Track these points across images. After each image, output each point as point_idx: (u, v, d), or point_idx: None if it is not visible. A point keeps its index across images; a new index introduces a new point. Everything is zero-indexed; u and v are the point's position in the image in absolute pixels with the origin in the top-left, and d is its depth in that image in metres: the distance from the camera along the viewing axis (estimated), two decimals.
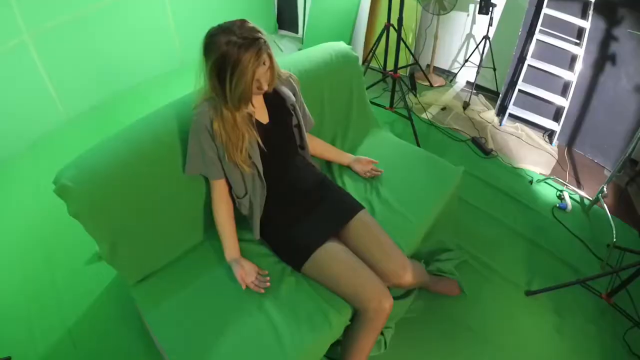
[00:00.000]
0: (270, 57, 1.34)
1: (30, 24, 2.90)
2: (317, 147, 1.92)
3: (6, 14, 2.75)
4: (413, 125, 3.02)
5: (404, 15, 2.89)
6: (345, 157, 1.99)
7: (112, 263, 1.46)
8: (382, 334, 1.76)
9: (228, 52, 1.25)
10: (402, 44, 3.05)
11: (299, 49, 3.98)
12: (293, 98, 1.62)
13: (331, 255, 1.47)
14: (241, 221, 1.62)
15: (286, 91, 1.60)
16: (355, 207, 1.64)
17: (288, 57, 2.01)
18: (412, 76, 3.65)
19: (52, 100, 3.21)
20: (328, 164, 2.07)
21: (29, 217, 2.46)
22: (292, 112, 1.62)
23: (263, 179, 1.51)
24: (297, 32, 4.81)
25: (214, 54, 1.27)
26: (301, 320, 1.39)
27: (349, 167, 2.00)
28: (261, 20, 4.76)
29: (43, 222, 2.40)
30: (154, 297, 1.47)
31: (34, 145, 3.06)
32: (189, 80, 1.40)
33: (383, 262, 1.50)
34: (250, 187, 1.52)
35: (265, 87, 1.37)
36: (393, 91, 3.19)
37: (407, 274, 1.52)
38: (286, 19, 4.89)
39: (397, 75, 3.08)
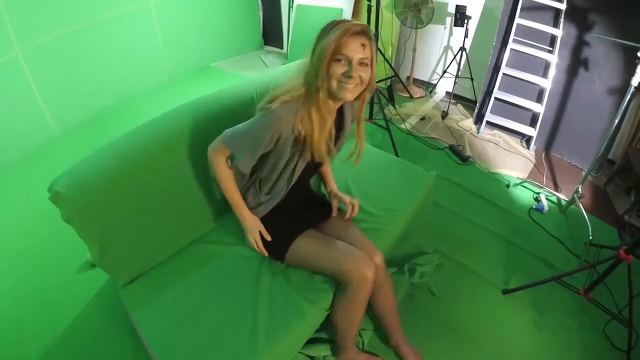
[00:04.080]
0: (370, 49, 1.18)
1: (22, 39, 2.82)
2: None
3: None
4: (391, 136, 2.90)
5: (383, 29, 2.83)
6: (332, 184, 1.72)
7: (102, 265, 1.45)
8: (359, 335, 1.69)
9: (327, 26, 1.17)
10: (380, 57, 2.96)
11: (283, 64, 3.89)
12: (348, 130, 1.48)
13: (310, 238, 1.45)
14: (219, 223, 1.67)
15: (348, 119, 1.45)
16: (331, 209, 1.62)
17: (269, 72, 1.95)
18: (390, 88, 3.56)
19: (43, 115, 3.11)
20: None
21: (20, 226, 2.37)
22: (338, 139, 1.47)
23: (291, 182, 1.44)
24: (282, 47, 4.73)
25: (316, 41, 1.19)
26: (277, 315, 1.36)
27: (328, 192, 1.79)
28: (247, 36, 4.73)
29: (34, 231, 2.32)
30: (141, 298, 1.45)
31: (26, 158, 2.96)
32: (177, 95, 1.32)
33: (355, 244, 1.46)
34: (277, 183, 1.43)
35: (353, 76, 1.17)
36: (372, 103, 3.08)
37: (377, 258, 1.45)
38: (271, 35, 4.82)
39: (376, 87, 2.96)
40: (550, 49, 2.93)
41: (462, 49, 3.38)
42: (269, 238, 1.46)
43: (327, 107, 1.24)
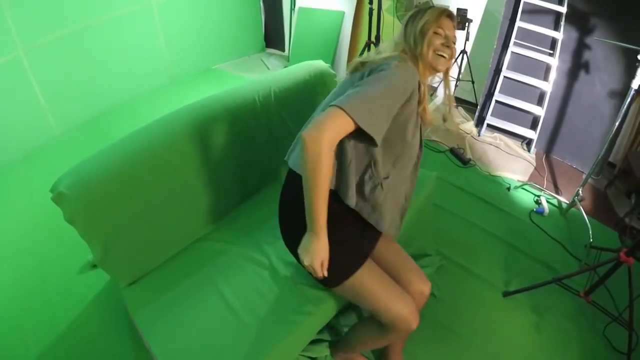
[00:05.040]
0: (454, 30, 1.30)
1: (24, 39, 2.82)
2: None
3: (1, 30, 2.68)
4: None
5: (384, 32, 2.83)
6: None
7: (104, 266, 1.44)
8: None
9: (421, 10, 1.28)
10: None
11: (285, 67, 3.90)
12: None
13: (369, 273, 1.30)
14: (222, 222, 1.65)
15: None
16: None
17: (269, 75, 1.96)
18: None
19: (44, 115, 3.11)
20: None
21: (21, 226, 2.36)
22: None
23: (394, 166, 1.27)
24: (283, 50, 4.74)
25: (411, 12, 1.30)
26: (280, 317, 1.34)
27: None
28: (249, 38, 4.73)
29: (35, 231, 2.31)
30: (143, 299, 1.45)
31: (27, 158, 2.97)
32: (178, 96, 1.31)
33: (405, 271, 1.41)
34: (402, 157, 1.26)
35: (453, 47, 1.28)
36: None
37: (426, 285, 1.42)
38: (273, 38, 4.83)
39: None
40: (551, 52, 2.94)
41: (463, 52, 3.39)
42: (325, 274, 1.20)
43: (424, 77, 1.28)
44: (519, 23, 2.96)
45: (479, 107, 3.41)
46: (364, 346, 1.51)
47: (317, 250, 1.16)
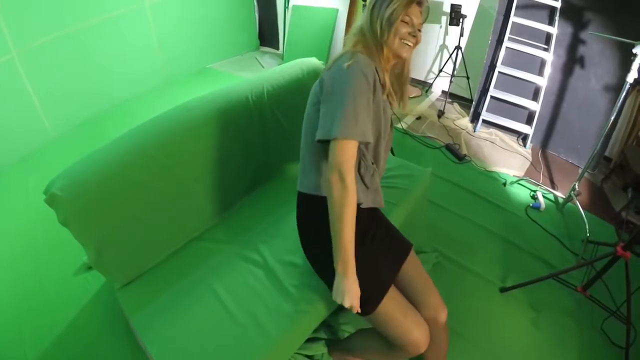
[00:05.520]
0: (421, 17, 1.26)
1: (18, 42, 2.80)
2: None
3: None
4: None
5: None
6: None
7: (98, 268, 1.43)
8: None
9: None
10: None
11: (279, 65, 3.89)
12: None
13: (392, 301, 1.27)
14: (216, 222, 1.64)
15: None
16: (409, 244, 1.45)
17: (263, 73, 1.94)
18: None
19: (39, 118, 3.09)
20: None
21: (18, 227, 2.35)
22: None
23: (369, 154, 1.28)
24: (278, 48, 4.72)
25: None
26: (275, 316, 1.33)
27: None
28: (243, 37, 4.72)
29: (31, 233, 2.30)
30: (139, 300, 1.44)
31: (23, 161, 2.95)
32: (173, 96, 1.29)
33: (424, 295, 1.37)
34: (380, 142, 1.31)
35: (419, 37, 1.24)
36: None
37: (443, 315, 1.36)
38: (267, 36, 4.81)
39: None
40: (546, 47, 2.93)
41: (458, 47, 3.37)
42: (359, 310, 1.20)
43: (387, 64, 1.27)
44: (513, 18, 2.95)
45: (474, 102, 3.41)
46: (364, 355, 1.48)
47: (350, 290, 1.16)
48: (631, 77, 1.98)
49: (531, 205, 2.49)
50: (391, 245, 1.38)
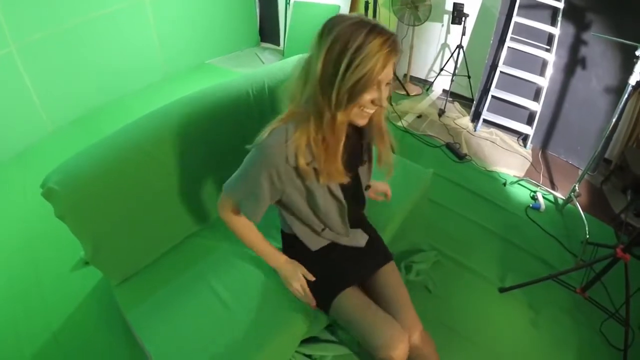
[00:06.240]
0: (397, 62, 1.01)
1: (16, 35, 2.78)
2: None
3: None
4: None
5: None
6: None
7: (95, 263, 1.43)
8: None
9: (353, 34, 0.92)
10: None
11: (280, 61, 3.87)
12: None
13: (351, 298, 1.27)
14: (213, 219, 1.67)
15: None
16: (387, 256, 1.43)
17: (263, 68, 1.92)
18: None
19: (37, 112, 3.07)
20: None
21: (15, 222, 2.35)
22: (367, 152, 1.29)
23: (341, 197, 1.23)
24: (278, 44, 4.70)
25: (332, 37, 0.93)
26: (273, 313, 1.35)
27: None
28: (243, 32, 4.69)
29: (28, 228, 2.29)
30: (135, 296, 1.44)
31: (20, 155, 2.93)
32: (171, 92, 1.28)
33: (398, 312, 1.28)
34: (325, 212, 1.23)
35: (384, 103, 1.03)
36: None
37: (416, 333, 1.28)
38: (268, 32, 4.79)
39: None
40: (548, 47, 2.92)
41: (460, 46, 3.36)
42: (312, 277, 1.30)
43: (342, 130, 1.06)
44: (515, 18, 2.93)
45: (475, 102, 3.40)
46: None
47: (289, 273, 1.32)
48: (633, 80, 1.97)
49: (531, 205, 2.49)
50: (366, 253, 1.39)
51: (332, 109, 0.99)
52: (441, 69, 3.72)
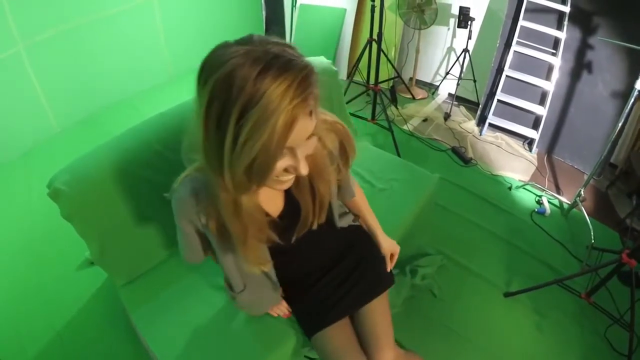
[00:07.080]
0: (315, 102, 0.72)
1: (24, 35, 2.81)
2: (354, 207, 1.36)
3: (1, 25, 2.67)
4: (393, 136, 2.91)
5: (386, 30, 2.81)
6: (370, 223, 1.38)
7: (101, 264, 1.44)
8: None
9: (236, 82, 0.63)
10: (383, 57, 2.97)
11: None
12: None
13: (330, 339, 1.20)
14: None
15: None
16: (382, 284, 1.29)
17: None
18: (392, 89, 3.57)
19: (44, 111, 3.10)
20: None
21: (19, 223, 2.37)
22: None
23: (275, 279, 1.18)
24: None
25: (208, 88, 0.66)
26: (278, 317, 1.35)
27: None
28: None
29: (34, 228, 2.32)
30: (140, 297, 1.45)
31: (27, 154, 2.96)
32: (178, 93, 1.29)
33: (376, 340, 1.21)
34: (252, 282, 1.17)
35: (303, 171, 0.75)
36: (374, 104, 3.09)
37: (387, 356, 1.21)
38: (274, 35, 4.78)
39: (378, 88, 2.98)
40: (554, 51, 2.92)
41: (465, 50, 3.37)
42: (288, 313, 1.29)
43: (252, 215, 0.88)
44: (521, 22, 2.94)
45: (480, 106, 3.40)
46: None
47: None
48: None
49: (536, 210, 2.49)
50: (360, 280, 1.25)
51: (231, 192, 0.77)
52: (447, 73, 3.72)
